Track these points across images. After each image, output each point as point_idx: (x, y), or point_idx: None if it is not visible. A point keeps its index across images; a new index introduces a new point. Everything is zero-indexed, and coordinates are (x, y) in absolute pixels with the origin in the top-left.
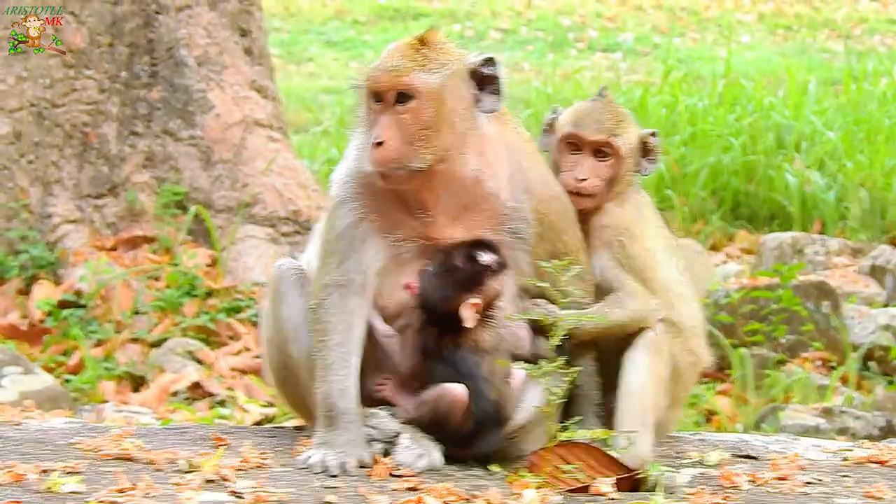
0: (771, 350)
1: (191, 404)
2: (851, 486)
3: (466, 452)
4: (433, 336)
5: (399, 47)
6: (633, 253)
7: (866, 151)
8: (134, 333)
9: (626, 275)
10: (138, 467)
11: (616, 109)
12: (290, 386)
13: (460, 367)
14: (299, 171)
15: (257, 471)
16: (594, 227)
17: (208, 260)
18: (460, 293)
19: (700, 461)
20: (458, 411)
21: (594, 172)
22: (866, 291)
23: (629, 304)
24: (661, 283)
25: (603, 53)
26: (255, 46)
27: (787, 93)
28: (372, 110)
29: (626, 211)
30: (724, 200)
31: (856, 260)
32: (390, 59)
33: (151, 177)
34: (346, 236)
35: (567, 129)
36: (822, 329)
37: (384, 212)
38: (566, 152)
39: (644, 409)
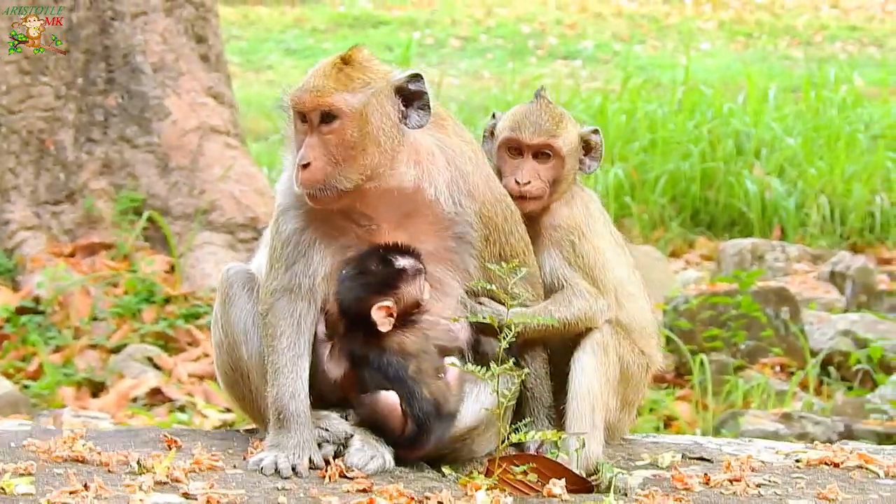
0: (730, 356)
1: (150, 410)
2: (804, 488)
3: (417, 453)
4: (358, 342)
5: (322, 67)
6: (582, 252)
7: (826, 158)
8: (93, 339)
9: (575, 274)
10: (90, 469)
11: (553, 110)
12: (240, 389)
13: (387, 371)
14: (257, 177)
15: (209, 472)
16: (544, 228)
17: (166, 266)
18: (371, 296)
19: (653, 463)
20: (396, 416)
21: (536, 175)
22: (826, 297)
23: (576, 303)
24: (610, 282)
25: (563, 61)
26: (211, 53)
27: (746, 99)
28: (298, 130)
29: (575, 210)
30: (684, 207)
31: (815, 266)
32: (313, 79)
33: (109, 183)
34: (293, 242)
35: (505, 133)
36: (782, 335)
37: (327, 220)
38: (507, 157)
39: (593, 410)
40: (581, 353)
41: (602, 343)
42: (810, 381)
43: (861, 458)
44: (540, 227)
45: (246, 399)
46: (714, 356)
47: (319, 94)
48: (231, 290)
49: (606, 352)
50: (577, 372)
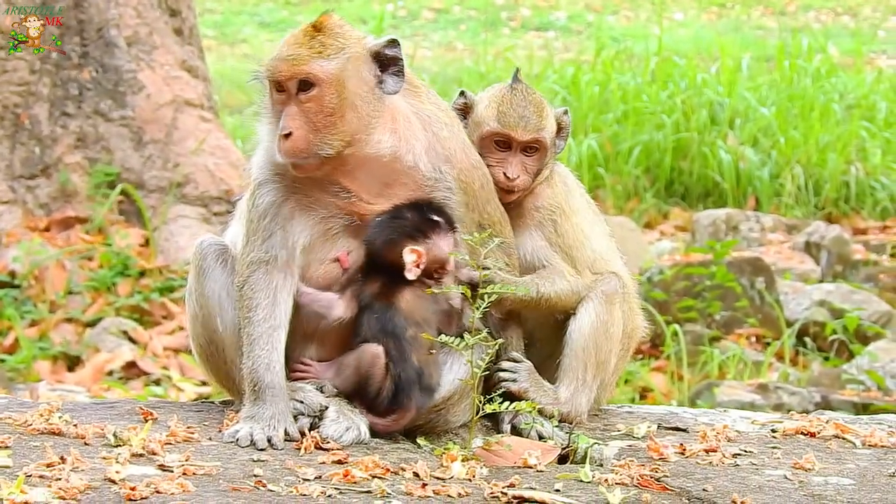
0: (705, 326)
1: (125, 383)
2: (780, 458)
3: (390, 422)
4: (374, 289)
5: (295, 35)
6: (563, 231)
7: (800, 128)
8: (68, 313)
9: (556, 255)
10: (66, 441)
11: (536, 99)
12: (215, 361)
13: (386, 324)
14: (231, 150)
15: (185, 444)
16: (526, 210)
17: (141, 240)
18: (404, 239)
19: (628, 433)
20: (378, 370)
21: (524, 169)
22: (801, 268)
23: (558, 282)
24: (587, 260)
25: (536, 32)
26: (185, 27)
27: (720, 70)
28: (275, 101)
29: (556, 188)
30: (658, 178)
31: (790, 236)
32: (287, 48)
33: (83, 157)
34: (269, 214)
35: (494, 126)
36: (757, 305)
37: (306, 192)
38: (493, 149)
39: (585, 365)
40: (586, 303)
41: (609, 295)
42: (786, 351)
43: (838, 427)
44: (522, 208)
45: (221, 371)
46: (689, 327)
47: (295, 62)
48: (205, 263)
49: (612, 303)
50: (578, 321)
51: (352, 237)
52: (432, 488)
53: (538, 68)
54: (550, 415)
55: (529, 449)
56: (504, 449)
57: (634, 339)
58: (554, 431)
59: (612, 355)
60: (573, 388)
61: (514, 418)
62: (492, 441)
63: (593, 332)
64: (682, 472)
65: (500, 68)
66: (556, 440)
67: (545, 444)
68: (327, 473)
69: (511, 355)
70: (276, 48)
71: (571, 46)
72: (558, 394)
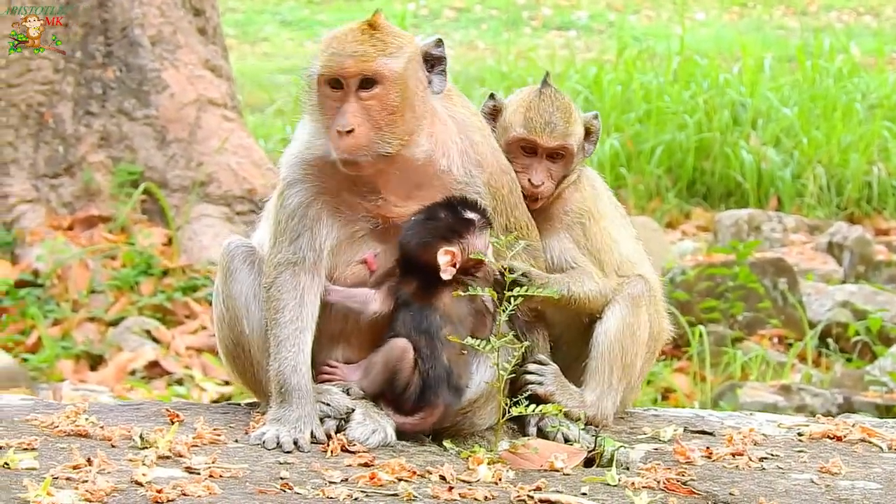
0: (728, 327)
1: (148, 383)
2: (807, 462)
3: (420, 424)
4: (410, 289)
5: (352, 32)
6: (592, 234)
7: (822, 128)
8: (91, 312)
9: (584, 257)
10: (93, 443)
11: (565, 104)
12: (242, 363)
13: (422, 321)
14: (253, 150)
15: (211, 447)
16: (555, 213)
17: (164, 239)
18: (438, 241)
19: (654, 436)
20: (407, 365)
21: (549, 175)
22: (823, 268)
23: (587, 284)
24: (623, 256)
25: (557, 31)
26: (208, 26)
27: (742, 69)
28: (328, 97)
29: (585, 192)
30: (680, 178)
31: (812, 237)
32: (348, 45)
33: (107, 156)
34: (298, 215)
35: (520, 132)
36: (780, 306)
37: (335, 193)
38: (519, 154)
39: (611, 368)
40: (613, 306)
41: (636, 297)
42: (809, 352)
43: (864, 431)
44: (551, 212)
45: (247, 373)
46: (712, 328)
47: (362, 59)
48: (232, 265)
49: (639, 306)
50: (604, 324)
51: (378, 240)
52: (458, 491)
53: (560, 68)
54: (577, 418)
55: (556, 452)
56: (530, 452)
57: (660, 342)
58: (580, 434)
59: (638, 358)
60: (599, 392)
61: (540, 421)
62: (518, 444)
63: (619, 335)
64: (709, 476)
65: (523, 68)
66: (582, 443)
67: (571, 448)
68: (353, 476)
69: (537, 358)
70: (326, 45)
71: (593, 46)
72: (584, 397)
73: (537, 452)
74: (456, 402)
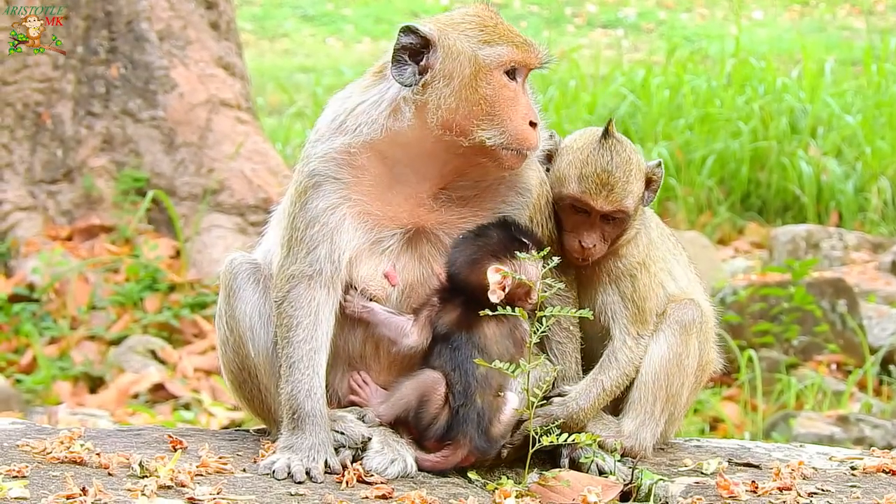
0: (782, 352)
1: (152, 407)
2: (860, 498)
3: (442, 462)
4: (451, 319)
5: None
6: (640, 285)
7: (888, 138)
8: (91, 330)
9: (625, 312)
10: (88, 471)
11: (625, 159)
12: (248, 388)
13: (457, 355)
14: (270, 155)
15: (217, 476)
16: (605, 268)
17: (171, 251)
18: (489, 258)
19: (697, 469)
20: (436, 398)
21: (601, 238)
22: (886, 289)
23: (621, 357)
24: (674, 292)
25: (603, 30)
26: (221, 20)
27: (802, 73)
28: (507, 88)
29: (640, 248)
30: (733, 190)
31: (875, 255)
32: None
33: (110, 161)
34: (320, 221)
35: (573, 191)
36: (838, 330)
37: (371, 192)
38: (571, 212)
39: (656, 395)
40: (661, 333)
41: (686, 325)
42: (869, 380)
43: None
44: (602, 266)
45: (255, 399)
46: (764, 353)
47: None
48: (235, 283)
49: (688, 334)
50: (650, 351)
51: (403, 250)
52: None
53: (605, 69)
54: (612, 449)
55: (589, 485)
56: (562, 485)
57: (707, 371)
58: (616, 466)
59: (685, 389)
60: (639, 422)
61: (572, 452)
62: (548, 476)
63: (666, 363)
64: None
65: (565, 69)
66: (618, 476)
67: (606, 480)
68: None
69: (562, 390)
70: (507, 29)
71: (641, 46)
72: (621, 426)
73: (569, 485)
74: (483, 446)
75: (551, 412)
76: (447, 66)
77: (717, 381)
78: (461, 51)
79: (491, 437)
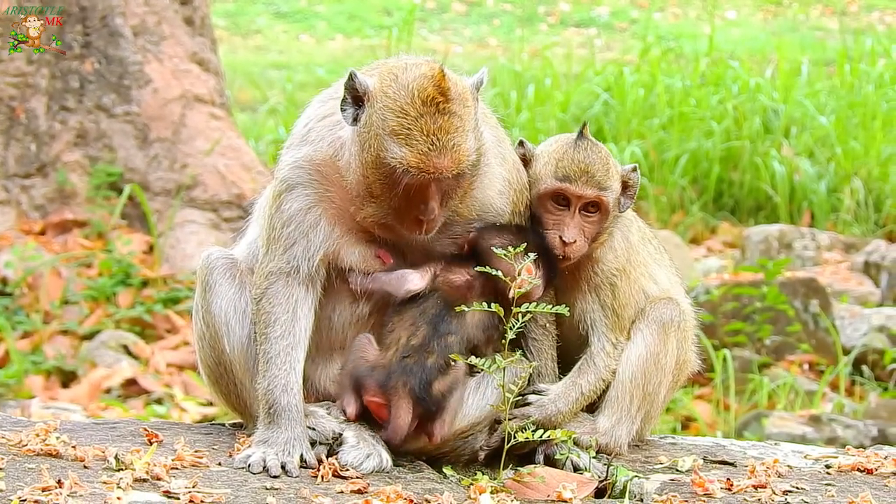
0: (754, 352)
1: (124, 402)
2: (835, 496)
3: (394, 423)
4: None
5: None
6: (620, 292)
7: (861, 138)
8: (63, 325)
9: (604, 320)
10: (64, 464)
11: (601, 157)
12: (225, 383)
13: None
14: (243, 151)
15: (192, 470)
16: (584, 274)
17: (144, 246)
18: (526, 256)
19: (671, 466)
20: (371, 350)
21: (581, 233)
22: (859, 290)
23: (599, 362)
24: (656, 294)
25: (576, 29)
26: (196, 16)
27: (775, 73)
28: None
29: (618, 251)
30: (706, 189)
31: (848, 255)
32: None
33: (83, 156)
34: (295, 221)
35: (552, 183)
36: (811, 330)
37: (343, 199)
38: (551, 209)
39: (632, 394)
40: (639, 332)
41: (665, 324)
42: (841, 380)
43: None
44: (580, 272)
45: (231, 394)
46: (737, 352)
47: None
48: (211, 278)
49: (667, 333)
50: (627, 349)
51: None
52: None
53: (578, 68)
54: (587, 445)
55: (564, 481)
56: (537, 481)
57: (685, 371)
58: (591, 463)
59: (662, 387)
60: (615, 419)
61: (548, 448)
62: (524, 472)
63: (643, 362)
64: None
65: (537, 68)
66: (593, 472)
67: (581, 477)
68: None
69: (537, 388)
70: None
71: (614, 45)
72: (597, 423)
73: (544, 481)
74: (423, 396)
75: (528, 413)
76: (362, 135)
77: (690, 381)
78: (375, 131)
79: (432, 393)
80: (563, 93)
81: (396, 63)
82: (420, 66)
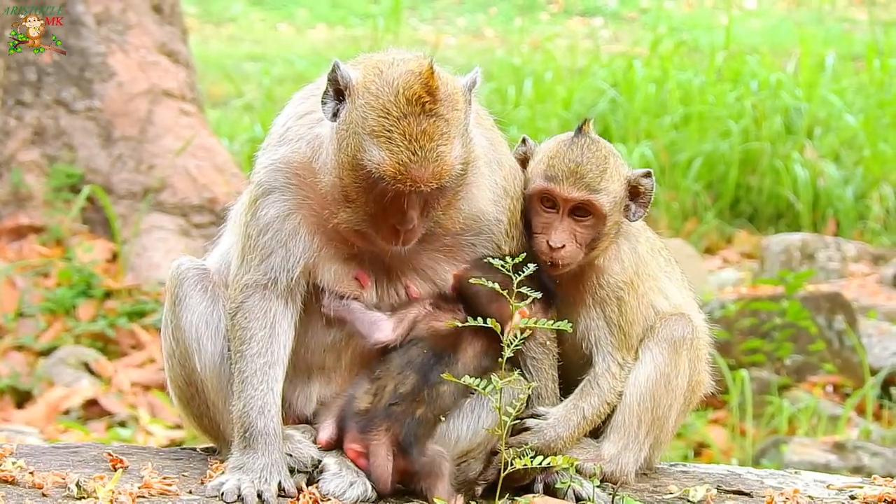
0: (773, 372)
1: (85, 424)
2: None
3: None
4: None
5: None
6: (627, 308)
7: (891, 140)
8: (18, 340)
9: (609, 338)
10: (21, 492)
11: (599, 156)
12: (196, 404)
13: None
14: (216, 151)
15: (160, 498)
16: (589, 286)
17: (107, 254)
18: (517, 299)
19: (683, 496)
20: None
21: (571, 237)
22: (888, 305)
23: (603, 384)
24: (638, 336)
25: (581, 18)
26: (165, 3)
27: (798, 68)
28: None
29: (626, 262)
30: (722, 195)
31: (876, 267)
32: None
33: (41, 155)
34: (272, 229)
35: (539, 182)
36: (835, 349)
37: (323, 203)
38: (539, 209)
39: (640, 418)
40: (648, 351)
41: (676, 342)
42: (868, 404)
43: None
44: (585, 284)
45: (203, 416)
46: (755, 372)
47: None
48: (181, 290)
49: (678, 352)
50: (635, 370)
51: (370, 259)
52: None
53: (583, 61)
54: (591, 474)
55: None
56: None
57: (697, 393)
58: (595, 493)
59: (673, 411)
60: (621, 445)
61: (548, 476)
62: (521, 501)
63: (652, 384)
64: None
65: (538, 61)
66: (596, 502)
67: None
68: None
69: (536, 411)
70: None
71: (623, 36)
72: (602, 450)
73: None
74: (408, 441)
75: (526, 440)
76: (341, 133)
77: (704, 403)
78: (354, 129)
79: (418, 446)
80: (565, 88)
81: (383, 57)
82: (408, 62)
